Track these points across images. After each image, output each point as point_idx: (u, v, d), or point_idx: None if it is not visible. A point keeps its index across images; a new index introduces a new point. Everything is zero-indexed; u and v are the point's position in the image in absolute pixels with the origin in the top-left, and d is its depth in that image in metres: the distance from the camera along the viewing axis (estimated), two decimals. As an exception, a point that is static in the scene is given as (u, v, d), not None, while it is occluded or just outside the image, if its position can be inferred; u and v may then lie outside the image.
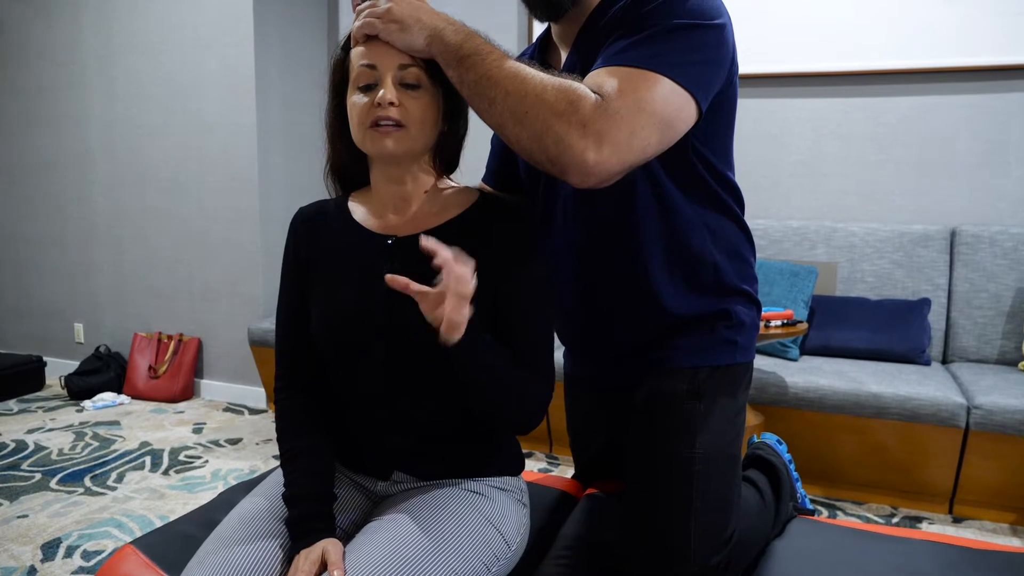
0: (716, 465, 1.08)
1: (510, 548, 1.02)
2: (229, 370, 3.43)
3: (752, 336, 1.18)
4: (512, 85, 0.92)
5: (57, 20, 3.59)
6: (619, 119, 0.91)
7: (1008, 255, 2.63)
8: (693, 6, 0.99)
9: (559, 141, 0.90)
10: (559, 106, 0.90)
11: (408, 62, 0.97)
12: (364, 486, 1.09)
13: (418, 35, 0.95)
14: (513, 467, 1.11)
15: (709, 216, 1.13)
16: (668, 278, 1.12)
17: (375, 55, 0.98)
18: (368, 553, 0.90)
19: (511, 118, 0.93)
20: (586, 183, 0.94)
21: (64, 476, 2.50)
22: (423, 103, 0.99)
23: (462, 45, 0.94)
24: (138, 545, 1.11)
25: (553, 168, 0.94)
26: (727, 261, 1.15)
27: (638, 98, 0.92)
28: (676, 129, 0.98)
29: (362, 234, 1.06)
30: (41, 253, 3.82)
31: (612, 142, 0.90)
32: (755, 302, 1.20)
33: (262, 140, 3.25)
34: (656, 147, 0.96)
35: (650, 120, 0.93)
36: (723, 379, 1.14)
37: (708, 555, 1.04)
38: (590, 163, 0.91)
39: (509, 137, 0.95)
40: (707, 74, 1.00)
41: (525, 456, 2.70)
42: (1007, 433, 2.17)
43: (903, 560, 1.09)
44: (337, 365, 1.04)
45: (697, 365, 1.13)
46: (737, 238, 1.17)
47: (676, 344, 1.14)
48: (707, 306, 1.14)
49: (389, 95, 0.96)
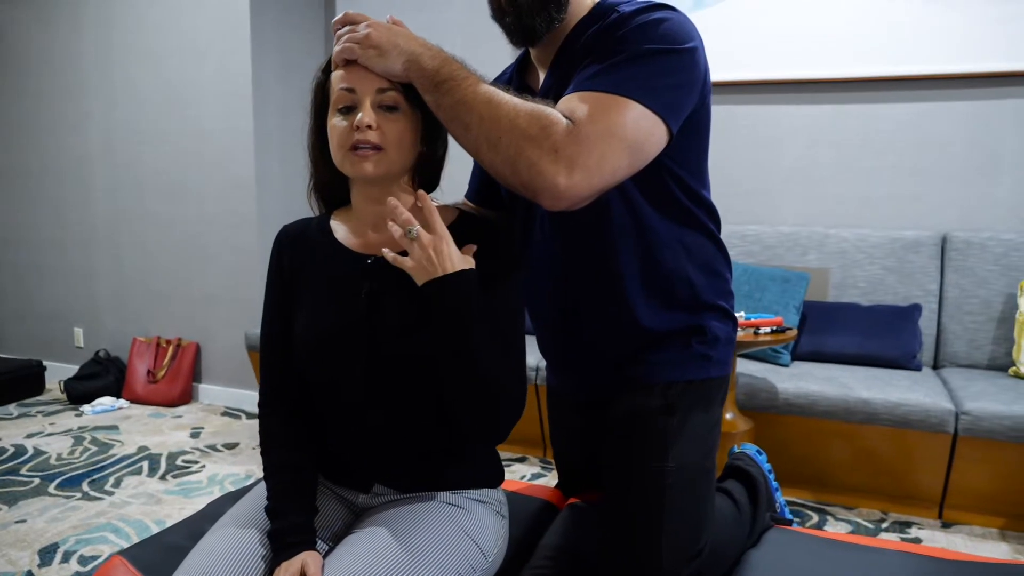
0: (688, 479, 1.10)
1: (487, 559, 1.04)
2: (227, 374, 3.46)
3: (727, 351, 1.21)
4: (486, 110, 0.94)
5: (57, 27, 3.62)
6: (590, 144, 0.93)
7: (999, 261, 2.65)
8: (664, 31, 1.01)
9: (531, 166, 0.93)
10: (531, 131, 0.93)
11: (386, 86, 1.00)
12: (346, 498, 1.12)
13: (396, 60, 0.98)
14: (492, 480, 1.13)
15: (684, 233, 1.15)
16: (643, 295, 1.15)
17: (354, 79, 1.00)
18: (347, 565, 0.92)
19: (485, 143, 0.95)
20: (557, 206, 0.96)
21: (62, 481, 2.53)
22: (401, 126, 1.01)
23: (439, 70, 0.97)
24: (126, 556, 1.13)
25: (526, 192, 0.96)
26: (702, 277, 1.17)
27: (608, 123, 0.94)
28: (646, 152, 1.00)
29: (343, 253, 1.08)
30: (41, 258, 3.86)
31: (583, 167, 0.93)
32: (731, 317, 1.22)
33: (259, 146, 3.28)
34: (627, 170, 0.99)
35: (620, 144, 0.95)
36: (697, 393, 1.16)
37: (678, 568, 1.06)
38: (561, 187, 0.93)
39: (484, 161, 0.97)
40: (677, 97, 1.02)
41: (519, 461, 2.75)
42: (995, 439, 2.18)
43: (875, 570, 1.11)
44: (319, 381, 1.07)
45: (671, 380, 1.15)
46: (712, 255, 1.19)
47: (651, 359, 1.16)
48: (682, 322, 1.16)
49: (367, 118, 0.98)
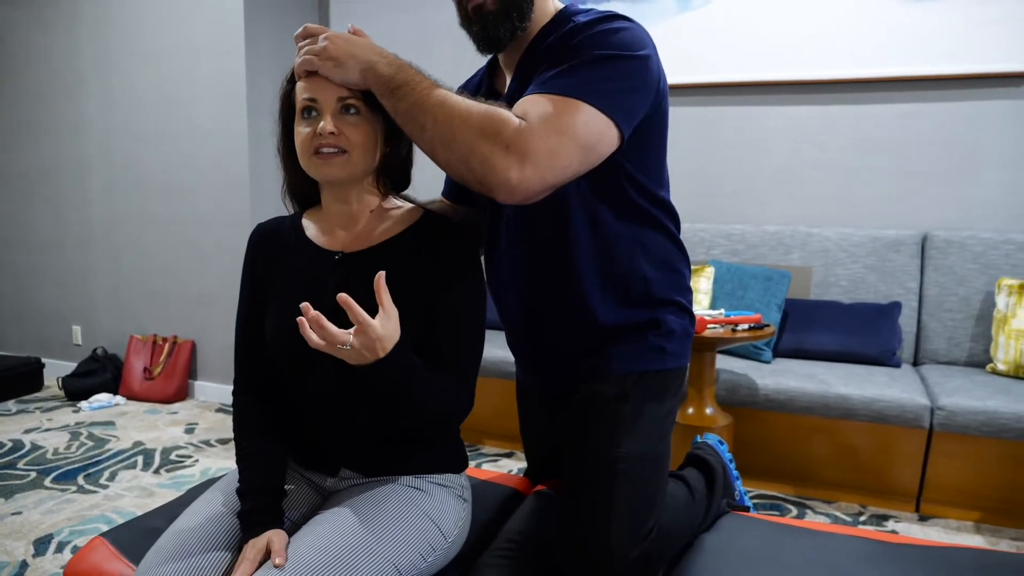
0: (639, 465, 1.15)
1: (447, 540, 1.09)
2: (222, 372, 3.52)
3: (683, 343, 1.25)
4: (440, 112, 1.00)
5: (55, 28, 3.68)
6: (540, 141, 0.98)
7: (978, 259, 2.69)
8: (618, 39, 1.06)
9: (484, 161, 0.98)
10: (484, 129, 0.98)
11: (346, 94, 1.05)
12: (315, 482, 1.17)
13: (352, 70, 1.03)
14: (454, 465, 1.18)
15: (641, 233, 1.20)
16: (600, 293, 1.20)
17: (315, 88, 1.06)
18: (310, 543, 0.97)
19: (440, 142, 1.00)
20: (512, 200, 1.01)
21: (58, 475, 2.59)
22: (362, 130, 1.07)
23: (394, 77, 1.02)
24: (107, 537, 1.19)
25: (481, 187, 1.01)
26: (658, 274, 1.22)
27: (560, 123, 1.00)
28: (597, 152, 1.05)
29: (313, 250, 1.14)
30: (40, 257, 3.92)
31: (533, 162, 0.98)
32: (687, 311, 1.27)
33: (253, 147, 3.34)
34: (578, 168, 1.04)
35: (571, 143, 1.00)
36: (652, 384, 1.21)
37: (627, 547, 1.10)
38: (514, 181, 0.98)
39: (439, 160, 1.02)
40: (628, 101, 1.07)
41: (506, 456, 2.80)
42: (970, 434, 2.23)
43: (820, 553, 1.16)
44: (289, 372, 1.12)
45: (627, 371, 1.20)
46: (669, 252, 1.24)
47: (609, 352, 1.21)
48: (638, 316, 1.21)
49: (328, 126, 1.04)
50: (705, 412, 2.33)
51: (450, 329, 1.08)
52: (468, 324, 1.10)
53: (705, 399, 2.35)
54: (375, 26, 3.60)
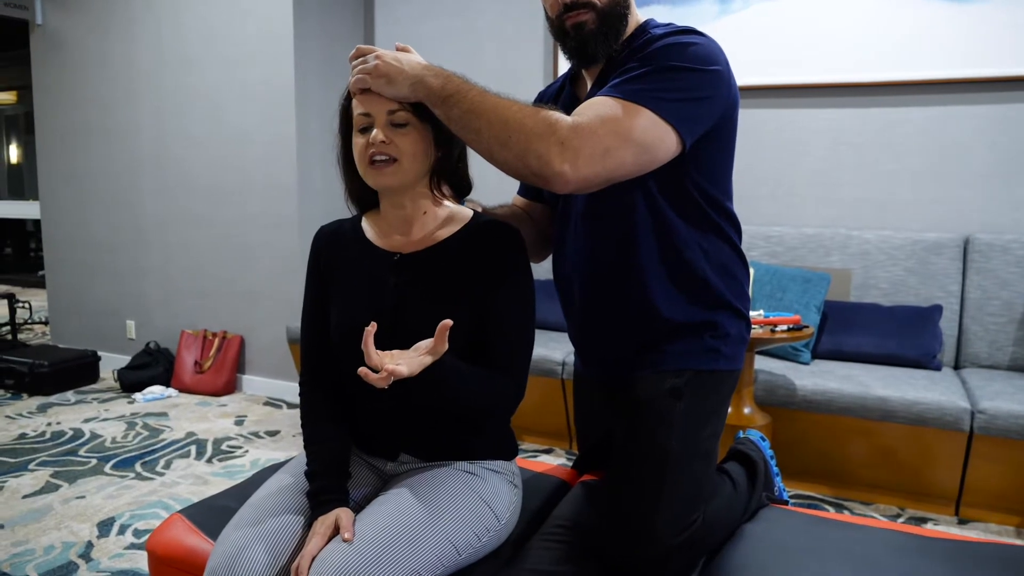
0: (688, 459, 1.20)
1: (500, 522, 1.16)
2: (269, 366, 3.64)
3: (738, 347, 1.31)
4: (494, 115, 1.07)
5: (112, 35, 3.83)
6: (595, 138, 1.06)
7: (1021, 263, 2.67)
8: (691, 52, 1.13)
9: (539, 157, 1.05)
10: (538, 129, 1.05)
11: (396, 107, 1.13)
12: (375, 466, 1.25)
13: (402, 85, 1.10)
14: (506, 452, 1.26)
15: (703, 237, 1.26)
16: (661, 290, 1.26)
17: (369, 104, 1.14)
18: (374, 521, 1.05)
19: (496, 143, 1.07)
20: (567, 189, 1.09)
21: (117, 462, 2.72)
22: (411, 138, 1.15)
23: (443, 87, 1.09)
24: (184, 514, 1.28)
25: (537, 180, 1.09)
26: (719, 278, 1.28)
27: (617, 123, 1.07)
28: (654, 156, 1.11)
29: (372, 250, 1.23)
30: (96, 256, 4.09)
31: (587, 156, 1.05)
32: (744, 317, 1.33)
33: (301, 150, 3.45)
34: (631, 168, 1.10)
35: (624, 142, 1.07)
36: (705, 382, 1.26)
37: (671, 537, 1.16)
38: (568, 173, 1.06)
39: (496, 160, 1.09)
40: (692, 111, 1.13)
41: (545, 452, 2.86)
42: (1011, 437, 2.22)
43: (856, 545, 1.19)
44: (351, 364, 1.20)
45: (682, 368, 1.26)
46: (730, 259, 1.30)
47: (666, 348, 1.27)
48: (697, 316, 1.27)
49: (380, 136, 1.13)
50: (743, 411, 2.36)
51: (499, 326, 1.15)
52: (517, 321, 1.17)
53: (743, 398, 2.38)
54: (419, 29, 3.68)
